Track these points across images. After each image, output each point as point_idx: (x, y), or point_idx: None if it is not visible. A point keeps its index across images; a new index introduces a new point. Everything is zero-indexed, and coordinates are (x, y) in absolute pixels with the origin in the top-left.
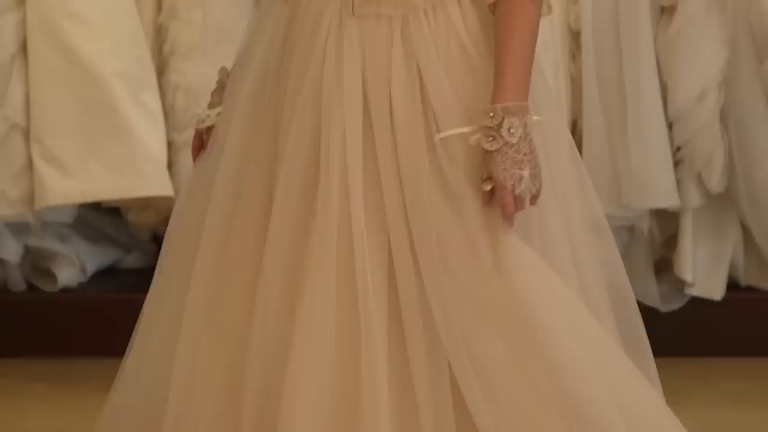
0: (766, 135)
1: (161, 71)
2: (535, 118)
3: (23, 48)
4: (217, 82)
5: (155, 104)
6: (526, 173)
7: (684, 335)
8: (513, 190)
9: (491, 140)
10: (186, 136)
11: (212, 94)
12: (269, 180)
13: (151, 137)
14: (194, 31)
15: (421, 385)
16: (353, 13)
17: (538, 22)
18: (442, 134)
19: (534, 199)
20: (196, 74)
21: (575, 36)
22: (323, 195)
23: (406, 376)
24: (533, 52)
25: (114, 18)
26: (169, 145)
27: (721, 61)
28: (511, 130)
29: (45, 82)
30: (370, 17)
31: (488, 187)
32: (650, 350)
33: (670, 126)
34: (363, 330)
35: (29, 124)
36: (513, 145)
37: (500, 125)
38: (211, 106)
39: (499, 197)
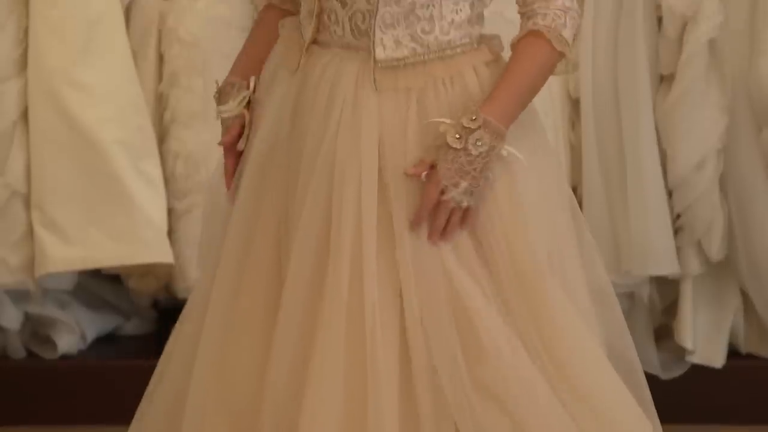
0: (765, 203)
1: (162, 139)
2: (507, 149)
3: (24, 115)
4: (227, 83)
5: (156, 172)
6: (463, 184)
7: (685, 402)
8: (442, 192)
9: (457, 138)
10: (186, 204)
11: (221, 93)
12: (278, 241)
13: (152, 205)
14: (195, 99)
15: None
16: (375, 88)
17: (550, 70)
18: (425, 121)
19: (464, 216)
20: (196, 142)
21: (575, 103)
22: (335, 255)
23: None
24: (533, 92)
25: (115, 86)
26: (170, 212)
27: (720, 129)
28: (478, 143)
29: (46, 149)
30: (389, 90)
31: (423, 173)
32: (656, 414)
33: (669, 193)
34: (370, 386)
35: (30, 191)
36: (470, 155)
37: (472, 132)
38: (222, 102)
39: (426, 190)
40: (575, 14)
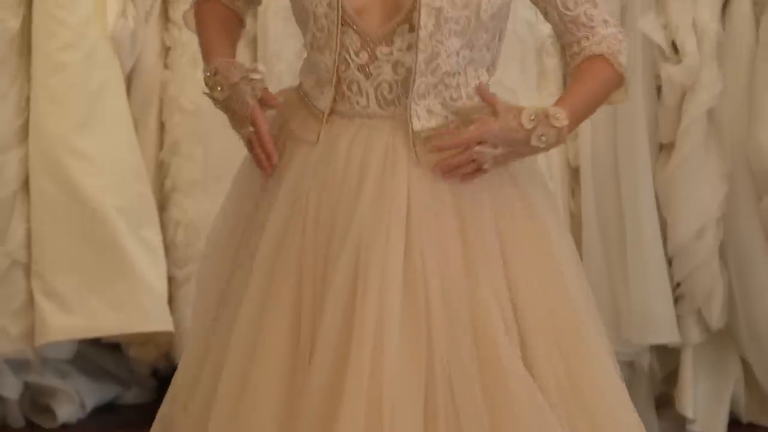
0: (765, 271)
1: (162, 206)
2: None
3: (25, 184)
4: (224, 62)
5: (156, 240)
6: (500, 150)
7: None
8: (479, 143)
9: (532, 120)
10: (187, 272)
11: (220, 71)
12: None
13: (152, 273)
14: (195, 167)
15: None
16: (418, 161)
17: (610, 91)
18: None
19: (475, 170)
20: (197, 210)
21: (574, 172)
22: (359, 327)
23: None
24: (591, 110)
25: (116, 154)
26: (170, 280)
27: (719, 197)
28: (542, 137)
29: (46, 217)
30: (426, 159)
31: (470, 124)
32: None
33: (669, 262)
34: None
35: (30, 259)
36: (527, 139)
37: (548, 127)
38: (225, 80)
39: (468, 132)
40: (626, 41)
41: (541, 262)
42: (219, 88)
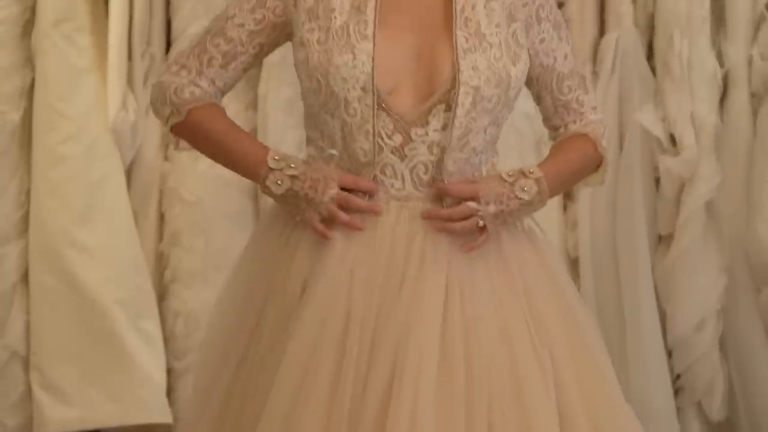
0: (765, 363)
1: (162, 297)
2: (533, 224)
3: (24, 277)
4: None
5: (155, 331)
6: (492, 208)
7: None
8: (474, 199)
9: (510, 175)
10: (186, 363)
11: (286, 158)
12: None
13: (151, 364)
14: (195, 258)
15: None
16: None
17: (590, 168)
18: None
19: (470, 223)
20: (196, 301)
21: (573, 262)
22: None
23: None
24: (572, 181)
25: (116, 246)
26: (169, 371)
27: (719, 289)
28: (525, 188)
29: (46, 310)
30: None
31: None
32: None
33: (669, 353)
34: None
35: (29, 352)
36: (512, 194)
37: (526, 178)
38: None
39: (466, 187)
40: (606, 129)
41: (572, 338)
42: (292, 165)
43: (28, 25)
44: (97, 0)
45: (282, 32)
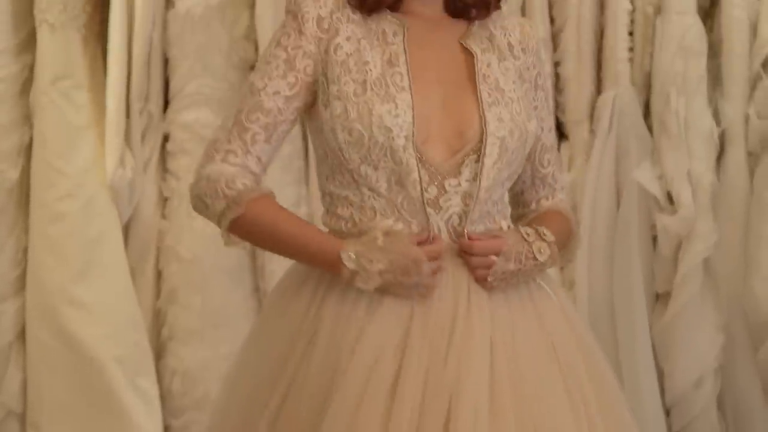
0: (763, 421)
1: (159, 355)
2: (544, 283)
3: (21, 334)
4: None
5: (152, 389)
6: (511, 266)
7: None
8: (497, 254)
9: (528, 235)
10: (183, 421)
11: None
12: None
13: (148, 422)
14: (193, 316)
15: None
16: (489, 297)
17: (567, 242)
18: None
19: (483, 274)
20: (194, 359)
21: None
22: None
23: None
24: (561, 247)
25: (113, 304)
26: (166, 429)
27: (716, 347)
28: (541, 250)
29: (43, 367)
30: (497, 289)
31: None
32: None
33: (667, 412)
34: None
35: (26, 409)
36: (530, 254)
37: (542, 241)
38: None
39: (495, 242)
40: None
41: (599, 389)
42: (374, 261)
43: (27, 83)
44: (95, 57)
45: (313, 91)
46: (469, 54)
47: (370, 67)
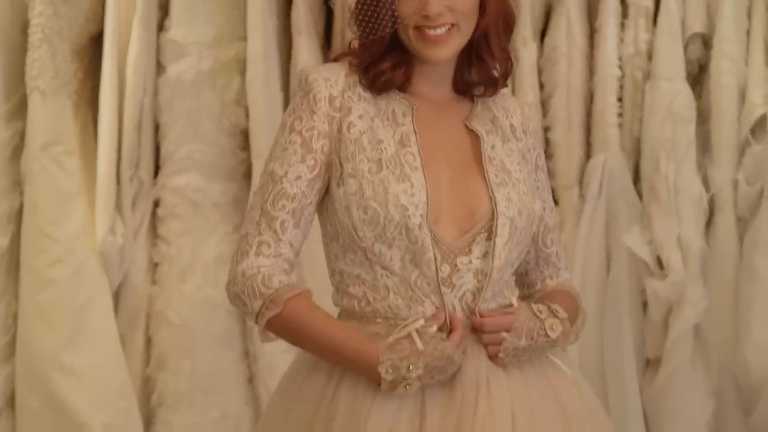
0: None
1: (148, 421)
2: (557, 360)
3: (11, 401)
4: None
5: None
6: (522, 343)
7: None
8: (508, 330)
9: (540, 312)
10: None
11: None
12: None
13: None
14: (182, 381)
15: None
16: (507, 374)
17: (575, 321)
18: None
19: (494, 350)
20: (183, 426)
21: None
22: None
23: None
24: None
25: (102, 370)
26: None
27: (707, 413)
28: (553, 327)
29: None
30: (512, 365)
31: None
32: None
33: None
34: None
35: None
36: (542, 330)
37: (555, 318)
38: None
39: (505, 318)
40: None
41: None
42: (411, 367)
43: (18, 149)
44: (86, 123)
45: (329, 170)
46: (474, 135)
47: (385, 146)
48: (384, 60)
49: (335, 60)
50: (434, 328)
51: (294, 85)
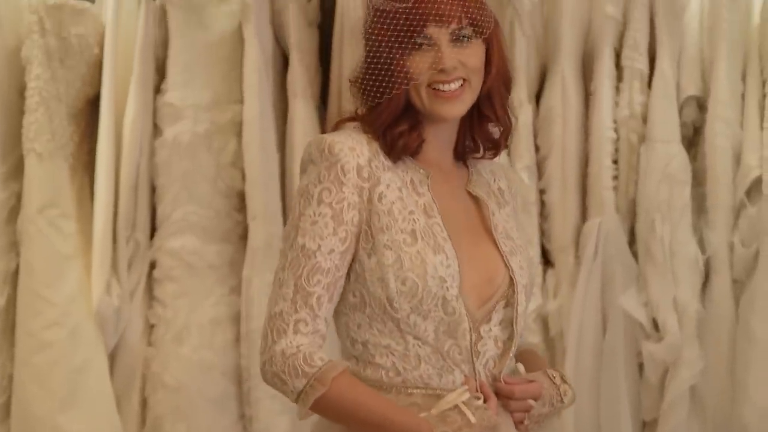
0: None
1: None
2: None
3: None
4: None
5: None
6: (544, 410)
7: None
8: (535, 398)
9: (554, 378)
10: None
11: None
12: None
13: None
14: None
15: None
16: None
17: None
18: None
19: (521, 417)
20: None
21: None
22: None
23: None
24: None
25: None
26: None
27: None
28: (566, 393)
29: None
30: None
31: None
32: None
33: None
34: None
35: None
36: (558, 395)
37: (566, 386)
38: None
39: (533, 386)
40: None
41: None
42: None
43: (14, 210)
44: (83, 186)
45: (359, 241)
46: (476, 201)
47: (416, 217)
48: (399, 123)
49: (336, 126)
50: (481, 400)
51: (299, 151)
